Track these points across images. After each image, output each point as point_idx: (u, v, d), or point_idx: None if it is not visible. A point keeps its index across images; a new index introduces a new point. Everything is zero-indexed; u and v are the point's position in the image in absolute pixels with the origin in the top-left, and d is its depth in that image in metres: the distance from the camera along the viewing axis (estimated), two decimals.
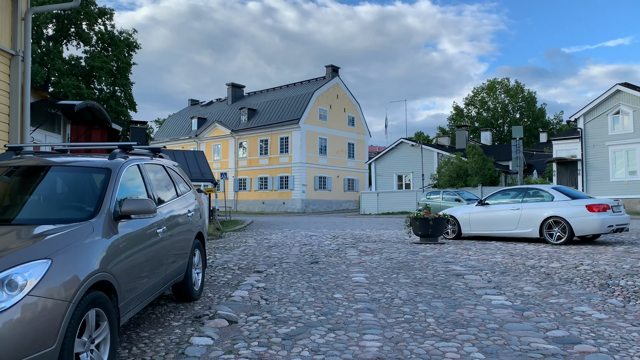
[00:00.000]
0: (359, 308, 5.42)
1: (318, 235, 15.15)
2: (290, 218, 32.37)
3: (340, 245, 11.55)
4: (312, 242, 12.60)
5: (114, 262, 3.66)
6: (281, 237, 14.99)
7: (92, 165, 4.47)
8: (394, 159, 36.98)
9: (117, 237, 3.86)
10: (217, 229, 22.46)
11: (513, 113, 60.80)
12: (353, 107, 50.78)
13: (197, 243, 6.13)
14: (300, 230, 18.84)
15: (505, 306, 5.49)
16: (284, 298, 5.93)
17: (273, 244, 12.37)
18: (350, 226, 21.06)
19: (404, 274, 7.43)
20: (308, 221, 26.51)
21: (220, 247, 11.89)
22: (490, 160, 30.83)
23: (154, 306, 5.61)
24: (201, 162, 24.89)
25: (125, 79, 43.16)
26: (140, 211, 4.03)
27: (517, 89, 60.08)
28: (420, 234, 11.55)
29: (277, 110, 47.82)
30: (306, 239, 13.65)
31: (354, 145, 50.59)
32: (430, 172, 33.80)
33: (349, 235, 15.21)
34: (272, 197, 46.39)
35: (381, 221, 24.91)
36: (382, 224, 22.38)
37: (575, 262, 8.09)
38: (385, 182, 37.36)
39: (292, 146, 45.15)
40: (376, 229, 18.80)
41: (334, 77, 49.12)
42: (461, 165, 30.47)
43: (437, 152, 34.94)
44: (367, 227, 19.71)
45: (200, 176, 23.45)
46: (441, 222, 11.51)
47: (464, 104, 62.78)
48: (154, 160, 5.73)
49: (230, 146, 50.57)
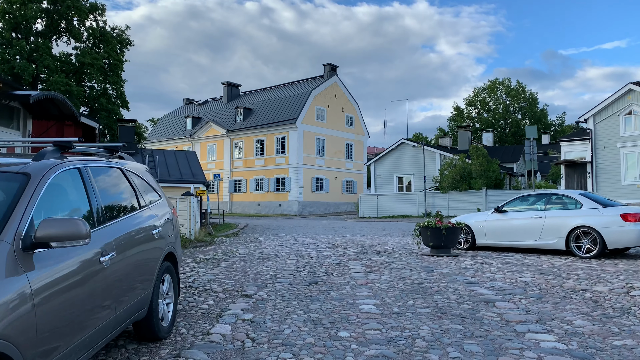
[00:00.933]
0: (373, 355, 4.17)
1: (316, 244, 13.91)
2: (287, 221, 31.13)
3: (342, 258, 10.30)
4: (310, 253, 11.36)
5: (13, 318, 2.41)
6: (276, 245, 13.74)
7: (3, 169, 3.19)
8: (394, 160, 35.76)
9: (26, 276, 2.61)
10: (209, 233, 21.19)
11: (514, 114, 59.69)
12: (351, 106, 49.57)
13: (167, 266, 4.87)
14: (296, 235, 17.59)
15: (560, 352, 4.25)
16: (275, 338, 4.67)
17: (266, 254, 11.11)
18: (349, 231, 19.83)
19: (422, 300, 6.18)
20: (305, 225, 25.28)
21: (207, 258, 10.63)
22: (495, 162, 29.66)
23: (108, 349, 4.35)
24: (192, 163, 23.62)
25: (117, 77, 41.86)
26: (64, 236, 2.78)
27: (519, 89, 58.97)
28: (432, 245, 10.31)
29: (274, 109, 46.56)
30: (303, 248, 12.41)
31: (352, 146, 49.36)
32: (432, 174, 32.60)
33: (350, 244, 13.97)
34: (268, 198, 45.12)
35: (382, 226, 23.67)
36: (384, 229, 21.15)
37: (622, 285, 6.86)
38: (385, 184, 36.14)
39: (288, 147, 43.89)
40: (378, 235, 17.57)
41: (332, 76, 47.90)
42: (465, 167, 29.29)
43: (440, 154, 33.72)
44: (368, 233, 18.47)
45: (191, 177, 22.18)
46: (455, 232, 10.28)
47: (465, 105, 61.65)
48: (110, 162, 4.48)
49: (226, 146, 49.27)
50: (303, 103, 44.20)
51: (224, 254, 11.54)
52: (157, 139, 55.51)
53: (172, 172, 22.37)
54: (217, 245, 15.12)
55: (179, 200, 15.80)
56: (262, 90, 54.11)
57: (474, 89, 61.97)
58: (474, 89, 62.51)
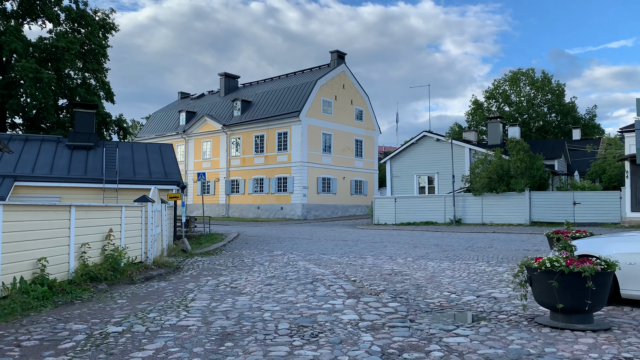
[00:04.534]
0: None
1: (325, 280, 8.89)
2: (288, 228, 26.17)
3: (379, 332, 5.29)
4: (312, 306, 6.39)
5: None
6: (262, 281, 8.74)
7: None
8: (414, 156, 30.62)
9: None
10: (183, 250, 16.25)
11: (540, 107, 54.33)
12: (361, 98, 44.50)
13: None
14: (297, 256, 12.60)
15: None
16: None
17: (235, 319, 6.07)
18: (368, 247, 14.80)
19: None
20: (310, 235, 20.30)
21: (108, 331, 5.62)
22: (540, 158, 24.51)
23: None
24: (167, 159, 18.68)
25: (99, 64, 37.01)
26: None
27: (544, 80, 53.59)
28: (562, 307, 5.21)
29: (275, 102, 41.56)
30: (304, 297, 7.40)
31: (362, 143, 44.30)
32: (460, 172, 27.51)
33: (378, 277, 8.99)
34: (268, 201, 40.13)
35: (406, 237, 18.58)
36: (414, 244, 16.08)
37: None
38: (403, 185, 31.04)
39: (291, 143, 38.88)
40: (411, 254, 12.53)
41: (340, 65, 42.86)
42: (502, 165, 24.19)
43: (469, 148, 28.57)
44: (396, 251, 13.43)
45: (164, 177, 17.23)
46: (606, 282, 5.20)
47: (484, 98, 56.31)
48: None
49: (222, 143, 44.34)
50: (307, 94, 39.19)
51: (164, 309, 6.54)
52: (149, 136, 50.65)
53: (139, 170, 17.44)
54: (180, 275, 10.16)
55: (125, 209, 10.83)
56: (262, 82, 49.15)
57: (494, 80, 56.69)
58: (494, 81, 57.25)
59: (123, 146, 19.27)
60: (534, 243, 15.51)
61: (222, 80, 50.21)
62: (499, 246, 14.79)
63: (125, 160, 17.93)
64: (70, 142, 18.03)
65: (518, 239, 17.39)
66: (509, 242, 16.22)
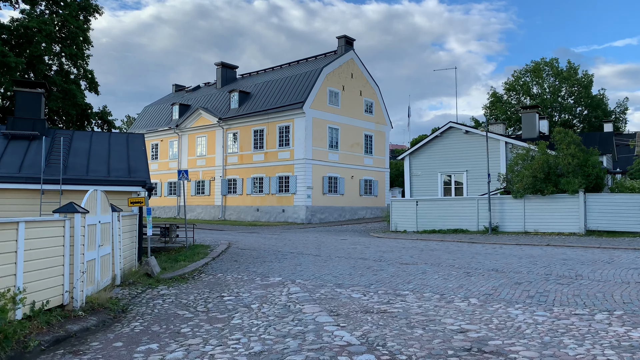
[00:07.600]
0: None
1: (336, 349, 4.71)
2: (290, 235, 22.04)
3: None
4: None
5: None
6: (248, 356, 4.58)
7: None
8: (438, 152, 26.37)
9: None
10: (148, 274, 12.12)
11: (566, 99, 49.93)
12: (371, 89, 40.29)
13: None
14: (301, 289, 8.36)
15: None
16: None
17: None
18: (401, 273, 10.49)
19: None
20: (317, 247, 16.14)
21: None
22: (595, 153, 20.24)
23: None
24: (134, 153, 14.50)
25: (79, 49, 32.91)
26: None
27: (570, 70, 49.17)
28: None
29: (276, 92, 37.38)
30: None
31: (372, 138, 40.10)
32: (495, 170, 23.26)
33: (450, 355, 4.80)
34: (268, 202, 35.98)
35: (440, 251, 14.33)
36: (462, 267, 11.81)
37: None
38: (425, 185, 26.83)
39: (294, 138, 34.70)
40: (473, 290, 8.24)
41: (348, 51, 38.72)
42: (549, 161, 19.95)
43: (505, 142, 24.29)
44: (447, 283, 9.13)
45: (127, 176, 13.08)
46: None
47: (504, 90, 51.93)
48: None
49: (218, 138, 40.24)
50: (312, 83, 34.99)
51: None
52: (140, 132, 46.51)
53: (95, 166, 13.30)
54: (113, 333, 5.98)
55: (27, 226, 6.69)
56: (262, 72, 44.98)
57: (514, 71, 52.37)
58: (514, 72, 52.87)
59: (80, 136, 15.13)
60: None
61: (218, 70, 46.09)
62: (591, 273, 10.44)
63: (78, 154, 13.80)
64: (8, 129, 13.94)
65: (600, 258, 12.77)
66: (593, 263, 11.80)
